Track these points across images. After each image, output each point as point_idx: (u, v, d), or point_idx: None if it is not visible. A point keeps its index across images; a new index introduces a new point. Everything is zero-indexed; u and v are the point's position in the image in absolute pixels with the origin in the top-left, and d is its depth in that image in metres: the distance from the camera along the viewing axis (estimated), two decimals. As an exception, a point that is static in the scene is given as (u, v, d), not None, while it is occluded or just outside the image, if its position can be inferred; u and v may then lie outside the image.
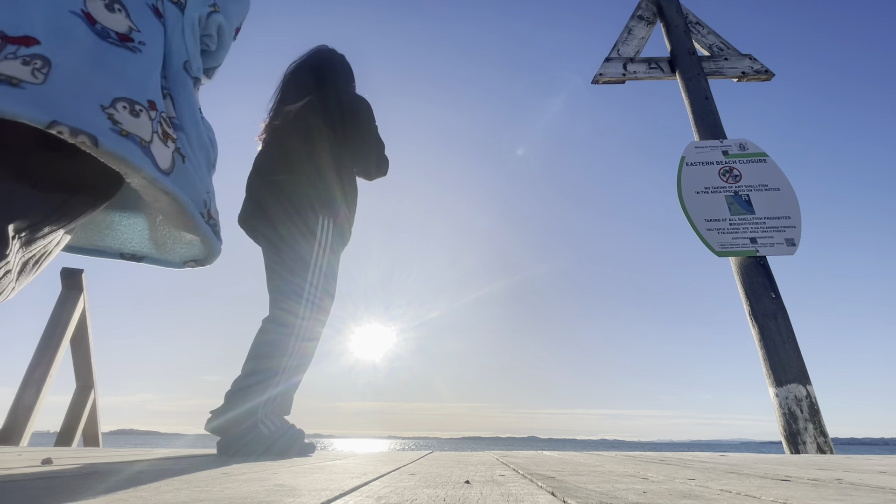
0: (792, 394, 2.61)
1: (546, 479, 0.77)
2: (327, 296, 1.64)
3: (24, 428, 2.53)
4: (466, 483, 0.69)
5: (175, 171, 0.79)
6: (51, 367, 2.67)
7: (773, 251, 3.03)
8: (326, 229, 1.65)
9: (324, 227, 1.65)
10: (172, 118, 0.83)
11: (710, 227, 3.12)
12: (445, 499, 0.53)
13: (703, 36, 4.08)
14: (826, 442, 2.51)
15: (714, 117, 3.57)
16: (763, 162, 3.36)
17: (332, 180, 1.69)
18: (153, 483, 0.64)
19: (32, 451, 1.55)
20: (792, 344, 2.74)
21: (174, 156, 0.80)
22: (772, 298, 2.86)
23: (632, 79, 3.96)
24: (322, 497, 0.54)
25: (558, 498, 0.55)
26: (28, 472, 0.78)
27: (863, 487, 0.70)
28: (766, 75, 3.93)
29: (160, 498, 0.52)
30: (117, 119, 0.70)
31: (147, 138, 0.74)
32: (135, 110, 0.74)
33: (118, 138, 0.69)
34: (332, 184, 1.69)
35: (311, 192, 1.63)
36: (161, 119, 0.79)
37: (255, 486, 0.62)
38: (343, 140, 1.76)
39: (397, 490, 0.61)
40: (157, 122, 0.77)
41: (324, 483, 0.68)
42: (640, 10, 4.23)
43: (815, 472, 0.96)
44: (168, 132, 0.80)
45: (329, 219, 1.67)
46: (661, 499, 0.55)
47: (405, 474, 0.83)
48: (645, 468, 1.03)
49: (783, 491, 0.64)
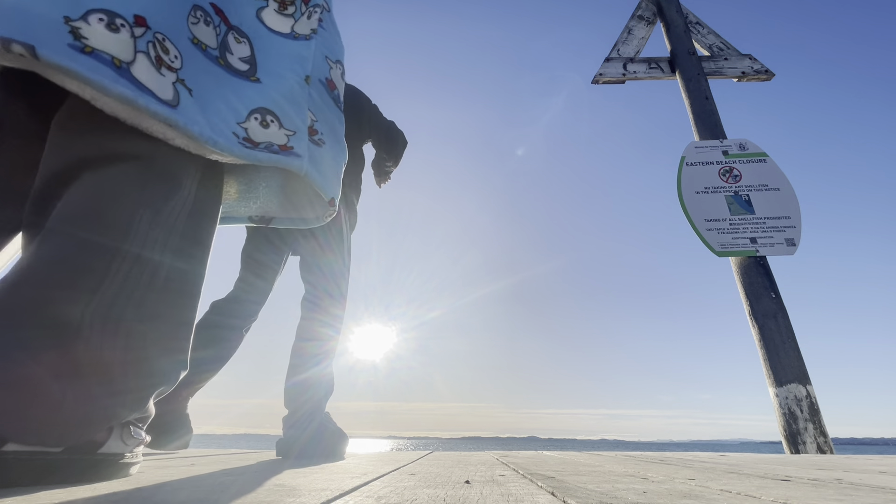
0: (792, 394, 2.61)
1: (546, 479, 0.77)
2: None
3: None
4: (466, 483, 0.69)
5: (182, 104, 0.68)
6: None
7: (773, 251, 3.03)
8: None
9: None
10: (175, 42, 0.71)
11: (710, 227, 3.12)
12: (445, 499, 0.53)
13: (703, 36, 4.08)
14: (826, 442, 2.51)
15: (714, 117, 3.57)
16: (763, 162, 3.36)
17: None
18: (153, 483, 0.64)
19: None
20: (792, 344, 2.74)
21: (176, 87, 0.68)
22: (772, 298, 2.87)
23: (632, 79, 3.96)
24: (322, 497, 0.54)
25: (558, 498, 0.55)
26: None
27: (863, 487, 0.70)
28: (766, 75, 3.93)
29: (160, 497, 0.52)
30: (83, 34, 0.59)
31: (124, 57, 0.62)
32: (114, 24, 0.62)
33: (73, 53, 0.57)
34: None
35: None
36: (156, 41, 0.66)
37: (255, 486, 0.62)
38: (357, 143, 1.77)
39: (397, 490, 0.61)
40: (146, 42, 0.65)
41: (324, 483, 0.68)
42: (640, 10, 4.23)
43: (815, 472, 0.96)
44: (164, 59, 0.67)
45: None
46: (661, 499, 0.55)
47: (405, 474, 0.83)
48: (645, 468, 1.03)
49: (783, 491, 0.64)
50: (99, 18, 0.61)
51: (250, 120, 0.79)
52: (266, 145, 0.80)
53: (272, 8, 0.94)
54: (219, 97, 0.76)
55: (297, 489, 0.60)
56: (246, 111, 0.79)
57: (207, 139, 0.70)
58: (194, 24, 0.76)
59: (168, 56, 0.69)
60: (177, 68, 0.70)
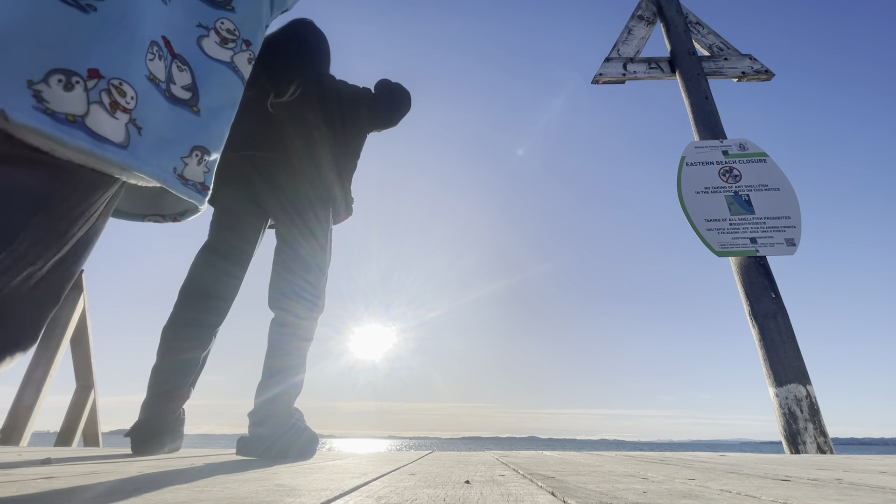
0: (792, 394, 2.61)
1: (546, 479, 0.77)
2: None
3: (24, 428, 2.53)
4: (466, 483, 0.69)
5: (132, 144, 0.74)
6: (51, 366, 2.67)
7: (773, 251, 3.03)
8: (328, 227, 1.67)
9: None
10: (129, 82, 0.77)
11: (710, 227, 3.12)
12: (445, 499, 0.53)
13: (703, 36, 4.08)
14: (826, 442, 2.51)
15: (714, 117, 3.57)
16: (763, 162, 3.36)
17: (331, 180, 1.69)
18: (153, 483, 0.64)
19: (32, 450, 1.55)
20: (792, 344, 2.74)
21: (128, 127, 0.74)
22: (772, 298, 2.87)
23: (632, 79, 3.96)
24: (322, 497, 0.54)
25: (558, 498, 0.55)
26: (28, 471, 0.78)
27: (863, 487, 0.70)
28: (766, 75, 3.93)
29: (160, 497, 0.52)
30: (45, 97, 0.66)
31: (78, 111, 0.69)
32: (70, 83, 0.69)
33: (37, 114, 0.65)
34: (331, 183, 1.68)
35: (311, 192, 1.63)
36: (111, 87, 0.72)
37: (255, 486, 0.62)
38: (343, 138, 1.76)
39: (397, 490, 0.61)
40: (98, 92, 0.71)
41: (324, 483, 0.68)
42: (640, 10, 4.23)
43: (815, 472, 0.96)
44: (119, 102, 0.73)
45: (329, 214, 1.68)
46: (661, 499, 0.55)
47: (405, 474, 0.83)
48: (645, 468, 1.03)
49: (783, 491, 0.64)
50: (58, 80, 0.68)
51: (192, 156, 0.86)
52: (193, 183, 0.88)
53: (213, 39, 1.00)
54: (167, 131, 0.82)
55: (297, 489, 0.60)
56: (189, 147, 0.86)
57: (158, 177, 0.78)
58: (151, 60, 0.81)
59: (125, 98, 0.75)
60: (130, 108, 0.76)
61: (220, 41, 0.99)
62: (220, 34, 0.98)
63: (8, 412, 2.56)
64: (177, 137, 0.83)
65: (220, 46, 0.99)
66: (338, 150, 1.73)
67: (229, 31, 1.00)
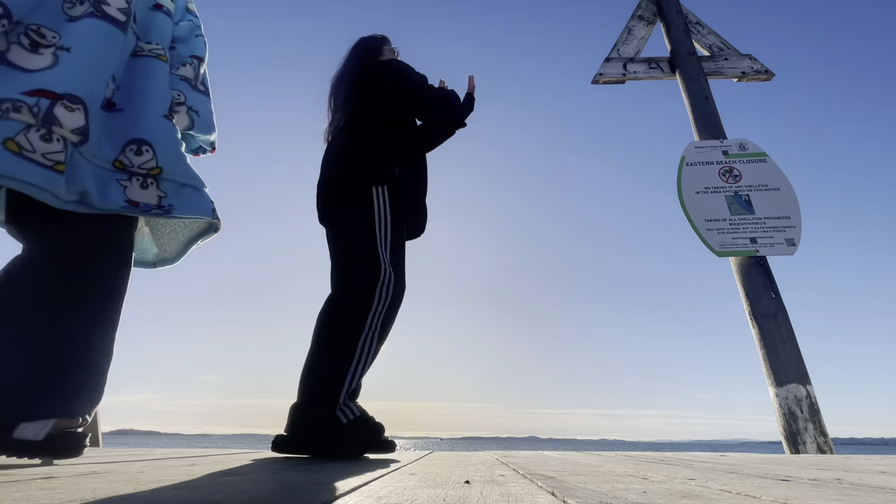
0: (792, 394, 2.61)
1: (546, 479, 0.77)
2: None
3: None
4: (466, 483, 0.69)
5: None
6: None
7: (773, 251, 3.03)
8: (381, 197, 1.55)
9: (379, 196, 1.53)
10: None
11: (710, 227, 3.12)
12: (445, 499, 0.53)
13: (703, 36, 4.08)
14: (826, 442, 2.51)
15: (714, 117, 3.57)
16: (763, 162, 3.36)
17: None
18: (153, 483, 0.64)
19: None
20: (792, 344, 2.74)
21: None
22: (772, 298, 2.87)
23: (632, 79, 3.96)
24: (322, 497, 0.54)
25: (558, 498, 0.55)
26: (28, 471, 0.78)
27: (863, 487, 0.70)
28: (766, 75, 3.93)
29: (160, 497, 0.52)
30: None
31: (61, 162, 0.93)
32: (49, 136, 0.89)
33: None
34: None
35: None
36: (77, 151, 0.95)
37: (255, 486, 0.62)
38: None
39: (397, 490, 0.61)
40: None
41: (324, 483, 0.68)
42: (640, 10, 4.23)
43: (815, 472, 0.96)
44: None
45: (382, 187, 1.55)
46: (661, 499, 0.55)
47: (405, 474, 0.83)
48: (645, 468, 1.03)
49: (783, 491, 0.64)
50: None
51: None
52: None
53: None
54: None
55: (296, 489, 0.60)
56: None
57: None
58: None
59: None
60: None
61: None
62: None
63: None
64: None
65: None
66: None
67: None
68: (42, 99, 0.86)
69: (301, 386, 1.38)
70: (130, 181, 1.00)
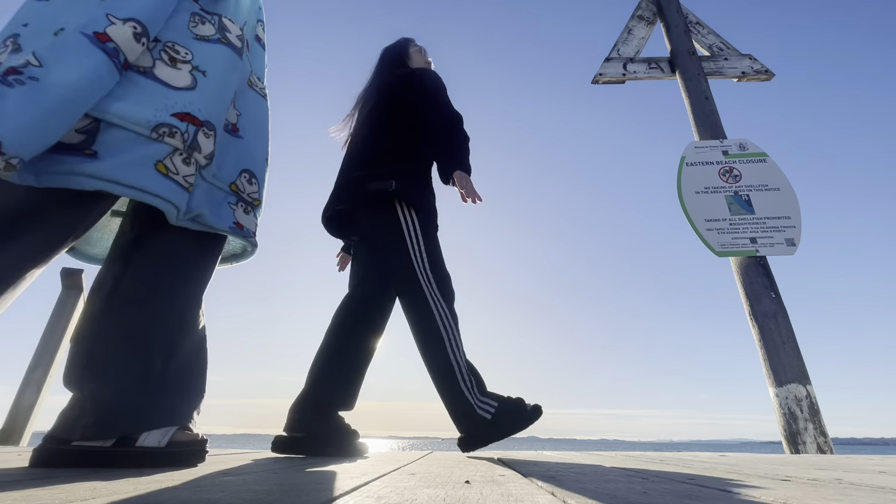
0: (792, 394, 2.61)
1: (546, 479, 0.77)
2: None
3: (24, 428, 2.53)
4: (466, 483, 0.69)
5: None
6: (51, 367, 2.67)
7: (773, 251, 3.02)
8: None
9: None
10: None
11: (710, 227, 3.12)
12: (445, 499, 0.53)
13: (703, 36, 4.08)
14: (826, 442, 2.51)
15: (714, 117, 3.57)
16: (763, 162, 3.36)
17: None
18: (153, 483, 0.64)
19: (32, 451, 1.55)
20: (792, 344, 2.74)
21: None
22: (772, 298, 2.86)
23: (632, 79, 3.96)
24: (322, 497, 0.54)
25: (558, 498, 0.55)
26: (28, 471, 0.78)
27: (863, 487, 0.70)
28: (766, 75, 3.93)
29: (160, 497, 0.52)
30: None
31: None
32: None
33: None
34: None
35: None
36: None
37: (255, 486, 0.62)
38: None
39: (397, 490, 0.61)
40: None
41: (324, 483, 0.68)
42: (640, 10, 4.23)
43: (815, 472, 0.96)
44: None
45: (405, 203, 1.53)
46: (661, 499, 0.55)
47: (405, 474, 0.83)
48: (645, 468, 1.03)
49: (783, 491, 0.64)
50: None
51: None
52: None
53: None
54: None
55: (296, 488, 0.60)
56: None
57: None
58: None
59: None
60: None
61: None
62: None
63: (8, 412, 2.56)
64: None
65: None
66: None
67: None
68: (190, 125, 0.92)
69: (451, 415, 1.45)
70: (237, 206, 1.07)
